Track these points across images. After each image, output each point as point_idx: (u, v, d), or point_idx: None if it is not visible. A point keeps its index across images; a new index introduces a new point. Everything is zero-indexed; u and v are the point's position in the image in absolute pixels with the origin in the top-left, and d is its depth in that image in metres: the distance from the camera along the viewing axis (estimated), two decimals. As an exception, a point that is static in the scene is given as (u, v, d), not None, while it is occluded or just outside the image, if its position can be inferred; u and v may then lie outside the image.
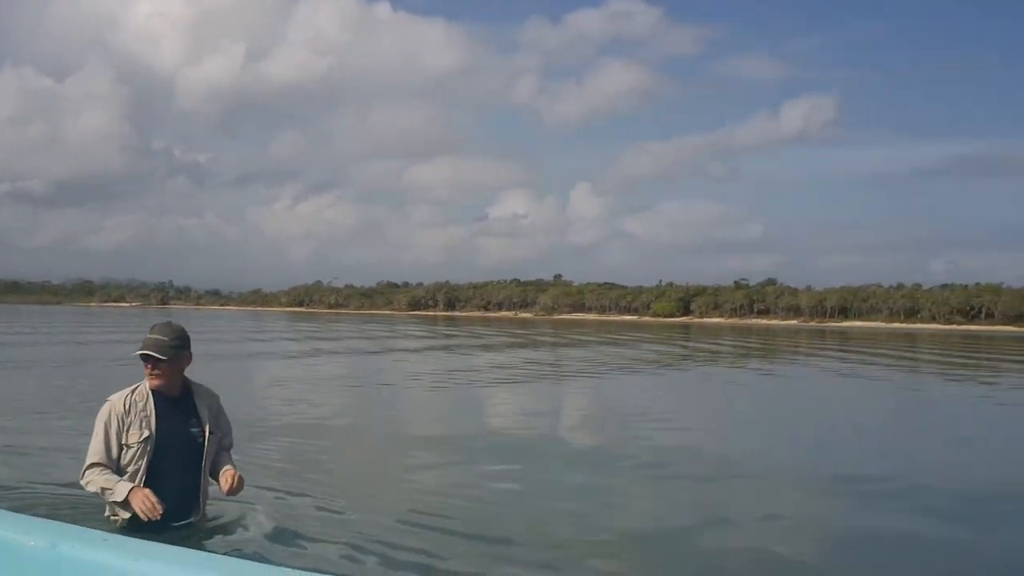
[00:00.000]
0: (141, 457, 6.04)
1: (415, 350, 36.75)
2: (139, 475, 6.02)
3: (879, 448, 12.69)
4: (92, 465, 6.04)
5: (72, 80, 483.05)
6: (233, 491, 6.21)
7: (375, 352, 33.22)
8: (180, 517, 6.08)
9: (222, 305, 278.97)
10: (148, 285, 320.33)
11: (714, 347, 49.46)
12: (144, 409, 6.12)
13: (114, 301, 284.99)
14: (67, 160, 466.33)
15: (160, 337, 6.20)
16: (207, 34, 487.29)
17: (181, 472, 6.16)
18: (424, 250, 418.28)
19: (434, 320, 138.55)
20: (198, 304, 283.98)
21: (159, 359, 6.12)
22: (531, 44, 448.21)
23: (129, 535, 5.60)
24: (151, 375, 6.16)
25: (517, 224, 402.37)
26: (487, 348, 40.45)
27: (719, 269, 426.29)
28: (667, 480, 9.63)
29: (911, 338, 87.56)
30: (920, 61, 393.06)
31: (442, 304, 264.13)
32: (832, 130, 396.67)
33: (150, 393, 6.17)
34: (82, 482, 6.11)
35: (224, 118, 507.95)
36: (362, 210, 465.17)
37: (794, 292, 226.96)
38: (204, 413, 6.35)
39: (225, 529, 6.41)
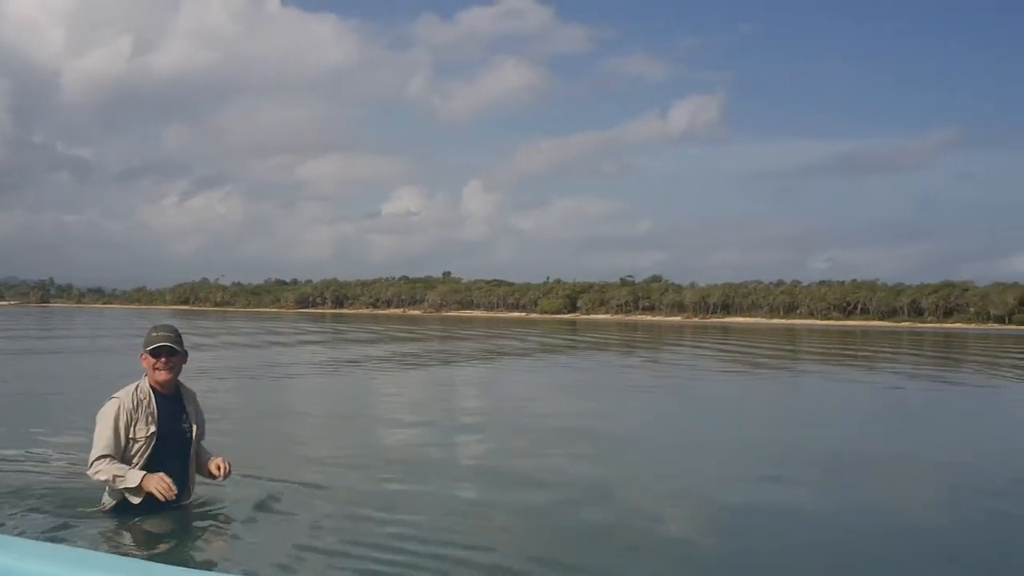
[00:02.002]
0: (145, 451, 6.69)
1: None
2: (144, 465, 6.66)
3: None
4: (102, 456, 6.61)
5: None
6: (226, 476, 7.01)
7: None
8: (172, 501, 6.71)
9: (105, 303, 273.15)
10: (28, 283, 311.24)
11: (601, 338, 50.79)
12: (149, 406, 6.76)
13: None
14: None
15: (171, 333, 6.92)
16: (92, 25, 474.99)
17: (173, 463, 6.79)
18: (315, 247, 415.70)
19: (322, 317, 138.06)
20: (80, 302, 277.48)
21: (175, 350, 6.85)
22: (423, 41, 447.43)
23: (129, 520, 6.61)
24: (163, 368, 6.81)
25: (408, 221, 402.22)
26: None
27: (608, 265, 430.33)
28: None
29: (791, 333, 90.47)
30: (801, 63, 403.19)
31: (330, 302, 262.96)
32: (717, 129, 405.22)
33: (151, 391, 6.83)
34: (90, 472, 6.66)
35: (109, 111, 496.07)
36: (252, 206, 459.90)
37: (678, 289, 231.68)
38: (191, 410, 7.08)
39: (208, 511, 7.14)
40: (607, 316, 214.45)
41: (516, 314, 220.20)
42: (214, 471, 7.00)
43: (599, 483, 9.28)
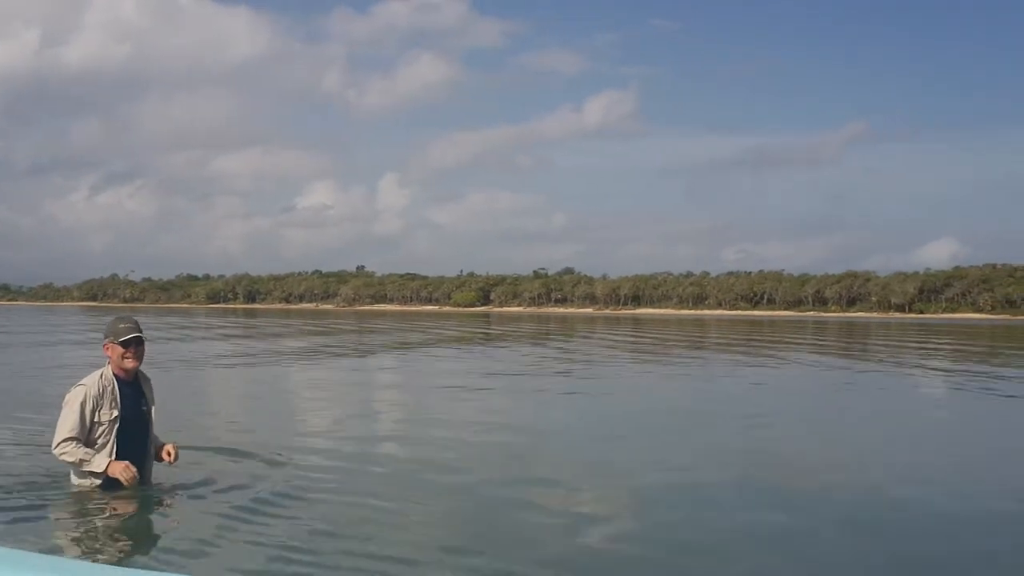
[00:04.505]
0: (110, 433, 7.45)
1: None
2: (109, 447, 7.44)
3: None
4: (68, 439, 7.36)
5: None
6: (175, 460, 7.82)
7: None
8: (138, 481, 7.54)
9: (10, 300, 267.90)
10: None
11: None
12: (112, 392, 7.52)
13: None
14: None
15: (136, 325, 7.73)
16: None
17: (136, 445, 7.62)
18: (228, 242, 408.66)
19: (233, 312, 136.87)
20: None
21: (143, 340, 7.71)
22: (337, 34, 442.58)
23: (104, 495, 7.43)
24: (132, 358, 7.62)
25: (324, 215, 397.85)
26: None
27: (524, 258, 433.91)
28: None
29: (700, 324, 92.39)
30: (713, 58, 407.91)
31: (242, 297, 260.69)
32: (631, 123, 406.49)
33: (114, 378, 7.59)
34: (56, 451, 7.42)
35: (17, 105, 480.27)
36: (164, 201, 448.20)
37: (590, 281, 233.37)
38: (149, 394, 7.88)
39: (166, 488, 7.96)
40: (520, 308, 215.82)
41: (429, 307, 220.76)
42: (164, 456, 7.77)
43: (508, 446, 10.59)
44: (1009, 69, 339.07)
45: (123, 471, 7.37)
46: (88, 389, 7.50)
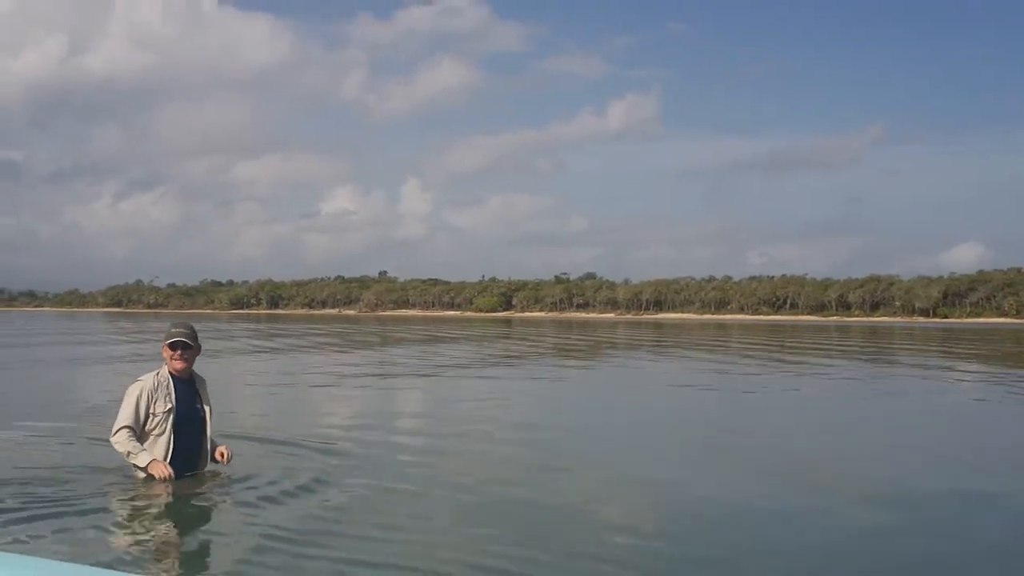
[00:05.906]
0: (165, 423, 8.07)
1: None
2: (165, 436, 8.05)
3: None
4: (124, 427, 8.02)
5: None
6: (229, 461, 8.36)
7: None
8: (188, 470, 8.18)
9: (36, 306, 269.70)
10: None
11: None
12: (167, 387, 8.17)
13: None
14: None
15: (186, 330, 8.34)
16: (25, 26, 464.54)
17: (191, 439, 8.21)
18: (251, 247, 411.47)
19: (257, 319, 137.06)
20: (10, 305, 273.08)
21: (189, 344, 8.26)
22: (359, 40, 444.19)
23: (147, 485, 7.91)
24: (179, 359, 8.24)
25: (346, 220, 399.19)
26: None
27: (544, 262, 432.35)
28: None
29: (723, 328, 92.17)
30: (730, 61, 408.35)
31: (265, 302, 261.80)
32: (652, 127, 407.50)
33: (170, 376, 8.24)
34: (112, 439, 8.08)
35: (41, 112, 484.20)
36: (187, 207, 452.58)
37: (612, 286, 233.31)
38: (205, 395, 8.47)
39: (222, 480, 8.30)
40: (542, 314, 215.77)
41: (451, 313, 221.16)
42: (218, 457, 8.35)
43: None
44: (1017, 71, 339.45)
45: (160, 470, 7.92)
46: (144, 384, 8.16)
